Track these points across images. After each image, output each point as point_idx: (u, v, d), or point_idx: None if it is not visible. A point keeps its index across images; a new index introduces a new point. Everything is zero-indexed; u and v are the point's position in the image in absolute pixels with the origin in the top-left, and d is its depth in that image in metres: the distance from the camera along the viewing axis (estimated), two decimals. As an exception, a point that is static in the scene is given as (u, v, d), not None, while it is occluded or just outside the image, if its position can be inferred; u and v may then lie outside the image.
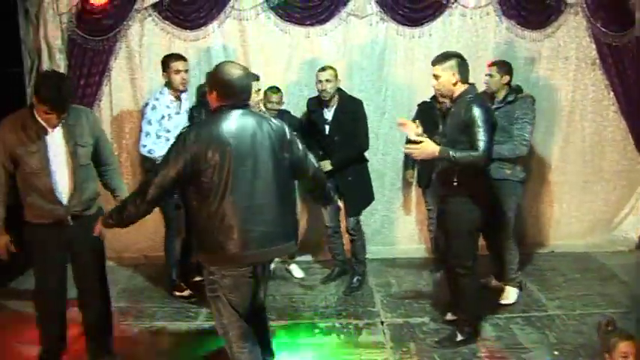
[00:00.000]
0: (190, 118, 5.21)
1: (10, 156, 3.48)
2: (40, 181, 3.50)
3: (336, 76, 5.05)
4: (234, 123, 3.11)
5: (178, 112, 5.09)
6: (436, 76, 4.04)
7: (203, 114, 5.08)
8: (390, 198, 6.14)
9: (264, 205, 3.14)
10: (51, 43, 5.79)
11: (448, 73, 3.96)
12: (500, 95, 4.79)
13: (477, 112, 3.77)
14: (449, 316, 4.56)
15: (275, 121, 3.33)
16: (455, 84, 3.96)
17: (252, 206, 3.10)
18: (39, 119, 3.47)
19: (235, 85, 3.16)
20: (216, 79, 3.19)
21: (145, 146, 4.93)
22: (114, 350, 4.01)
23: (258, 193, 3.11)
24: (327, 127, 5.12)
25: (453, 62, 3.98)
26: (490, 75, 4.80)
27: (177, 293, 5.18)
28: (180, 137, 3.10)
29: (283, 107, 5.39)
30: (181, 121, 5.08)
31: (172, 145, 3.10)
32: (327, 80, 5.00)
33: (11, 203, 3.63)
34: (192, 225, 3.20)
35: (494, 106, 4.63)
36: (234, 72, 3.19)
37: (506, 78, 4.79)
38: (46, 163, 3.48)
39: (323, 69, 5.07)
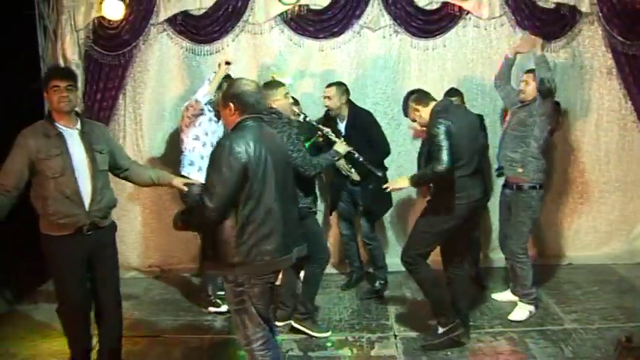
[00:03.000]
0: None
1: (30, 163, 3.54)
2: (64, 184, 3.55)
3: (340, 92, 5.15)
4: (258, 135, 3.17)
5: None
6: (412, 120, 4.51)
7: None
8: (406, 210, 6.11)
9: (288, 211, 3.27)
10: (68, 59, 5.91)
11: (413, 112, 4.36)
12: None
13: (434, 133, 4.04)
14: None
15: (277, 134, 3.56)
16: (421, 114, 4.30)
17: (284, 213, 3.21)
18: (57, 125, 3.59)
19: (251, 97, 3.23)
20: (233, 94, 3.25)
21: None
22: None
23: (284, 200, 3.23)
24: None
25: (410, 103, 4.34)
26: (526, 82, 4.78)
27: (213, 309, 5.14)
28: (227, 147, 3.09)
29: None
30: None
31: (219, 157, 3.10)
32: (327, 97, 5.18)
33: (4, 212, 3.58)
34: (217, 237, 3.17)
35: (518, 105, 4.81)
36: (249, 86, 3.27)
37: None
38: (69, 165, 3.56)
39: (328, 85, 5.23)
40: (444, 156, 3.94)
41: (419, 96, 4.33)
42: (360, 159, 4.74)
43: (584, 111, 5.99)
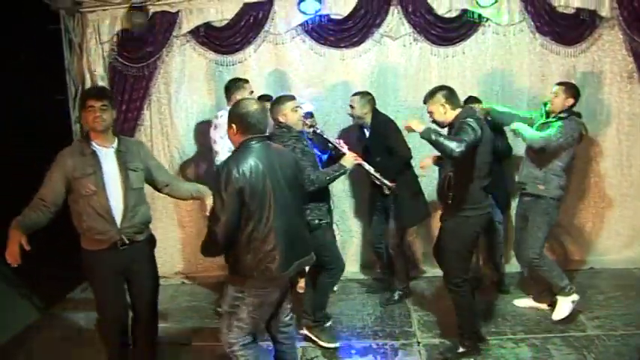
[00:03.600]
0: None
1: (67, 181, 3.68)
2: (96, 203, 3.69)
3: (364, 101, 5.21)
4: (263, 154, 3.32)
5: None
6: (430, 113, 4.33)
7: None
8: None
9: (294, 226, 3.44)
10: (93, 71, 6.04)
11: (437, 106, 4.24)
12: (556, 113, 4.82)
13: (467, 122, 3.99)
14: None
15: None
16: (445, 113, 4.22)
17: (289, 229, 3.37)
18: (93, 144, 3.74)
19: (252, 118, 3.35)
20: (234, 114, 3.40)
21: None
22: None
23: (290, 216, 3.40)
24: (367, 149, 5.27)
25: (439, 95, 4.24)
26: (555, 94, 4.81)
27: None
28: (224, 173, 3.22)
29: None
30: None
31: (219, 183, 3.22)
32: (350, 106, 5.26)
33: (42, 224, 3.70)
34: (229, 252, 3.38)
35: (544, 120, 4.84)
36: (250, 106, 3.40)
37: (570, 101, 4.78)
38: (102, 184, 3.70)
39: (354, 94, 5.30)
40: (465, 144, 3.87)
41: (452, 94, 4.25)
42: (371, 171, 4.73)
43: (605, 115, 5.99)
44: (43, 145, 4.22)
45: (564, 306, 4.85)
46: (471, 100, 5.33)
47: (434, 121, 4.33)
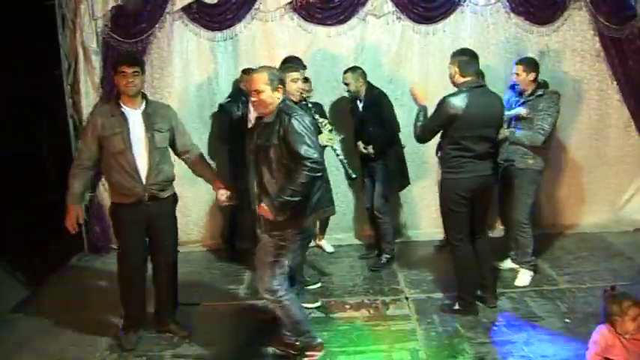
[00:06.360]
0: (225, 112, 5.81)
1: (97, 138, 4.02)
2: (124, 160, 4.01)
3: (357, 76, 5.51)
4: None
5: None
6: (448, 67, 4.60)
7: (238, 108, 5.67)
8: (409, 187, 6.44)
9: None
10: (87, 46, 6.22)
11: (452, 67, 4.51)
12: (529, 90, 5.09)
13: (442, 103, 4.36)
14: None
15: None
16: (454, 76, 4.51)
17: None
18: (122, 106, 4.04)
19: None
20: (279, 76, 3.74)
21: None
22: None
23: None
24: (361, 119, 5.62)
25: (457, 59, 4.50)
26: (517, 74, 5.10)
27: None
28: (304, 123, 3.57)
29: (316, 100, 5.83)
30: None
31: (306, 130, 3.55)
32: (346, 82, 5.55)
33: (87, 188, 4.20)
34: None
35: (521, 100, 5.07)
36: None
37: (532, 75, 5.06)
38: (128, 143, 4.01)
39: (345, 71, 5.59)
40: (421, 131, 4.48)
41: (467, 64, 4.46)
42: (340, 157, 5.10)
43: (577, 91, 6.41)
44: (38, 119, 4.44)
45: (526, 277, 5.23)
46: None
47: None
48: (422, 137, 4.50)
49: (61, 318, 4.87)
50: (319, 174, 3.57)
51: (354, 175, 5.09)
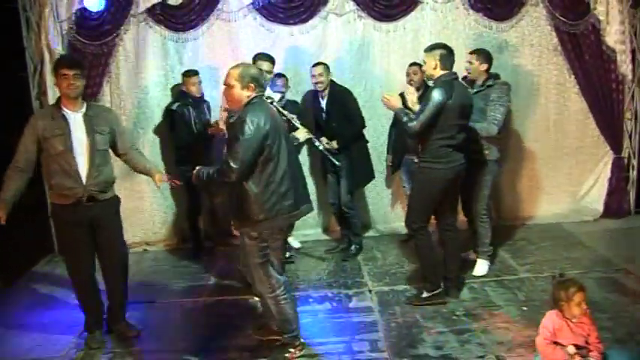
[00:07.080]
0: (170, 116, 6.04)
1: (37, 140, 4.05)
2: (64, 162, 4.06)
3: (328, 71, 5.64)
4: (267, 109, 3.79)
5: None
6: (424, 62, 4.70)
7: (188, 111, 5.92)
8: (373, 181, 6.53)
9: (296, 172, 3.96)
10: (52, 49, 6.22)
11: (431, 60, 4.57)
12: (480, 81, 5.21)
13: (432, 94, 4.42)
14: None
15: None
16: (434, 69, 4.56)
17: (294, 173, 3.89)
18: (63, 109, 4.09)
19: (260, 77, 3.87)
20: (252, 74, 3.79)
21: None
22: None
23: (292, 165, 3.88)
24: (323, 115, 5.72)
25: (437, 52, 4.56)
26: (470, 62, 5.23)
27: None
28: (248, 125, 3.59)
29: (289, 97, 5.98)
30: None
31: (245, 131, 3.58)
32: (319, 74, 5.63)
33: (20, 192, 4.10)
34: (245, 198, 3.72)
35: (474, 90, 5.15)
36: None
37: (485, 65, 5.19)
38: (70, 145, 4.06)
39: (315, 65, 5.70)
40: (420, 125, 4.40)
41: (447, 58, 4.55)
42: (320, 147, 5.33)
43: (536, 85, 6.58)
44: (5, 118, 4.46)
45: (483, 267, 5.36)
46: (414, 65, 5.78)
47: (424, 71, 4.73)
48: (419, 131, 4.48)
49: (29, 318, 4.92)
50: (227, 180, 3.64)
51: (338, 163, 5.34)
